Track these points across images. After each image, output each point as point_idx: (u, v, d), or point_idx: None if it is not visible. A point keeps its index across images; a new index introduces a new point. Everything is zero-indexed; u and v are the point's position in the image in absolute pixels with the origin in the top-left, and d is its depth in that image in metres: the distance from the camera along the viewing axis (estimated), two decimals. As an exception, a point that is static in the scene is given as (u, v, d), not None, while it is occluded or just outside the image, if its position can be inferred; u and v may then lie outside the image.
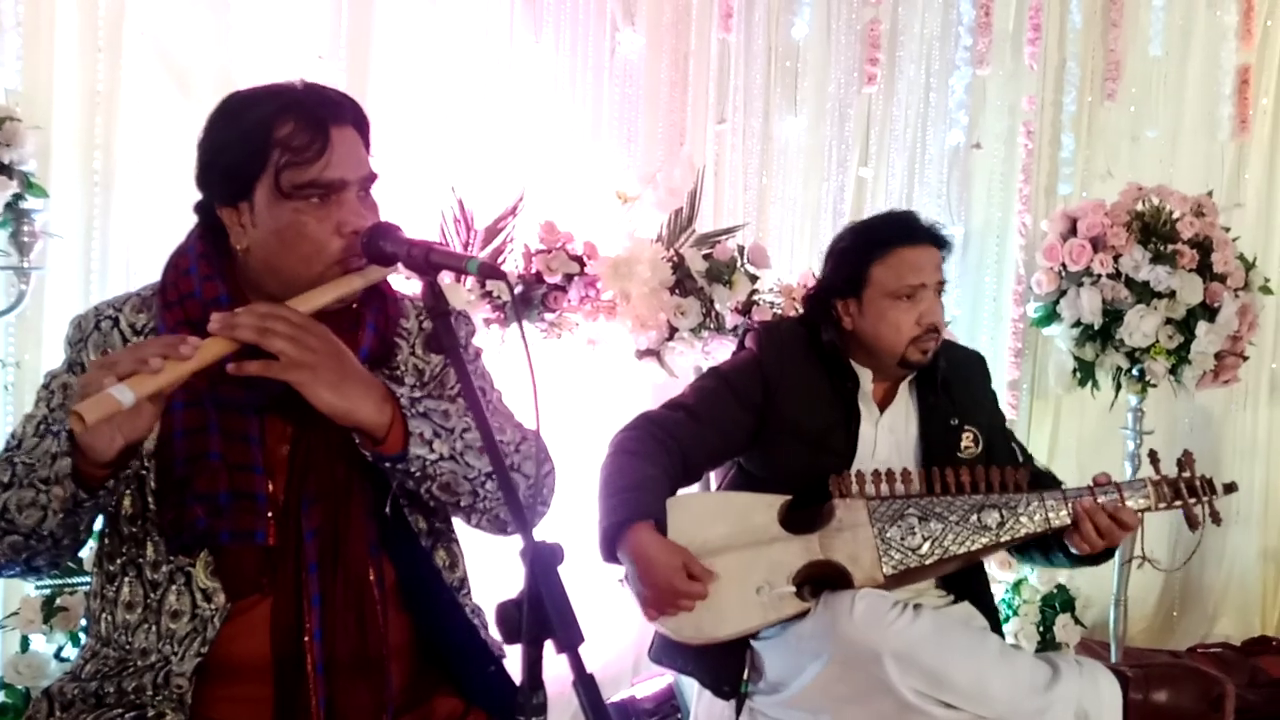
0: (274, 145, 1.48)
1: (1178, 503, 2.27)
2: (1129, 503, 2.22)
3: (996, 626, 2.37)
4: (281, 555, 1.51)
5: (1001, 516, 2.20)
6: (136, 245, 2.60)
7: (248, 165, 1.50)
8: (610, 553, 2.12)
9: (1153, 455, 2.33)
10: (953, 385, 2.40)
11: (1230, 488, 2.34)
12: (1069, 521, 2.20)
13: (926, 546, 2.16)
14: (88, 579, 1.65)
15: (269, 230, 1.51)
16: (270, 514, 1.51)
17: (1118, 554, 3.29)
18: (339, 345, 1.45)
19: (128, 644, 1.52)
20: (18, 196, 2.32)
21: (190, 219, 1.62)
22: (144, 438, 1.39)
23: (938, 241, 2.34)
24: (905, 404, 2.39)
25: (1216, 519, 2.30)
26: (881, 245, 2.31)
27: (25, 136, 2.31)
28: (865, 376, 2.36)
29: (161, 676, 1.49)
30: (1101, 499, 2.21)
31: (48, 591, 2.38)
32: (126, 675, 1.51)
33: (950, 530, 2.18)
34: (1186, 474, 2.29)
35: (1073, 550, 2.24)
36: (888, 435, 2.36)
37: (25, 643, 2.40)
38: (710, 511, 2.23)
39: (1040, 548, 2.34)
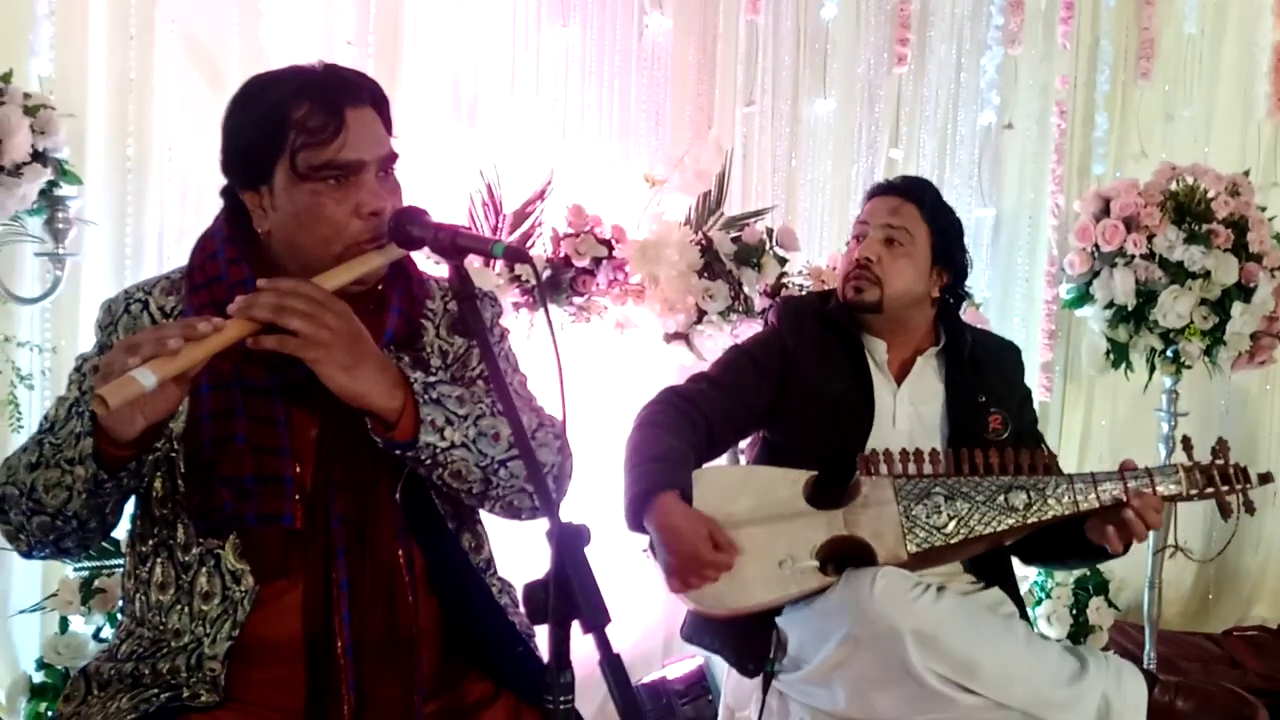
0: (290, 127, 1.48)
1: (1210, 490, 2.21)
2: (1160, 489, 2.17)
3: (1023, 614, 2.35)
4: (310, 540, 1.52)
5: (1029, 498, 2.17)
6: (170, 231, 2.62)
7: (265, 148, 1.50)
8: (636, 522, 2.13)
9: (1186, 441, 2.28)
10: (983, 365, 2.41)
11: (1266, 478, 2.28)
12: (1097, 506, 2.16)
13: (952, 525, 2.15)
14: (124, 561, 1.66)
15: (288, 213, 1.52)
16: (297, 497, 1.51)
17: (1150, 542, 3.28)
18: (357, 326, 1.44)
19: (161, 624, 1.54)
20: (52, 184, 2.34)
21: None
22: (166, 418, 1.39)
23: (898, 190, 2.41)
24: (930, 378, 2.40)
25: (1250, 508, 2.25)
26: (862, 204, 2.47)
27: (59, 124, 2.33)
28: (879, 347, 2.38)
29: (195, 658, 1.50)
30: (1131, 484, 2.17)
31: (86, 573, 2.41)
32: (161, 656, 1.52)
33: (977, 510, 2.16)
34: (1220, 461, 2.24)
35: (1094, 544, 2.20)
36: (908, 407, 2.36)
37: (64, 624, 2.43)
38: (735, 484, 2.24)
39: (1059, 547, 2.30)
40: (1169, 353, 3.37)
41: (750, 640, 2.23)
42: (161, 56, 2.60)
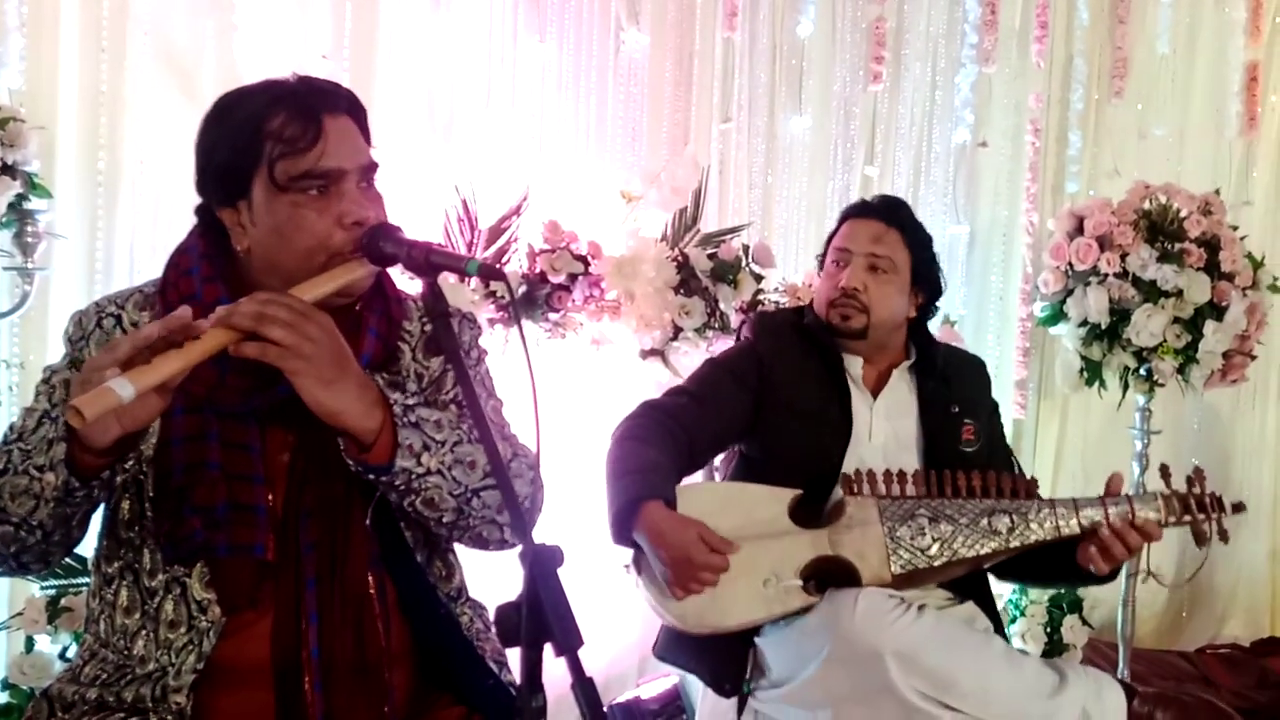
0: (266, 138, 1.46)
1: (1187, 518, 2.24)
2: (1139, 515, 2.19)
3: (999, 629, 2.36)
4: (280, 569, 1.49)
5: (1012, 522, 2.19)
6: (141, 246, 2.60)
7: (242, 161, 1.47)
8: (623, 534, 2.11)
9: (1164, 469, 2.31)
10: (952, 379, 2.43)
11: (1239, 507, 2.31)
12: (1078, 531, 2.18)
13: (936, 548, 2.16)
14: (90, 579, 1.63)
15: (268, 227, 1.48)
16: (269, 527, 1.48)
17: (1124, 564, 3.29)
18: (339, 340, 1.41)
19: (126, 649, 1.51)
20: (21, 197, 2.32)
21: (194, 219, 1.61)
22: (143, 428, 1.37)
23: (879, 214, 2.39)
24: (903, 392, 2.41)
25: (1224, 537, 2.28)
26: (838, 222, 2.45)
27: (29, 137, 2.31)
28: (855, 362, 2.38)
29: (159, 689, 1.47)
30: (1111, 510, 2.18)
31: (53, 592, 2.38)
32: (126, 684, 1.49)
33: (960, 533, 2.17)
34: (1197, 490, 2.26)
35: (1080, 568, 2.20)
36: (884, 422, 2.37)
37: (30, 643, 2.40)
38: (720, 502, 2.22)
39: (1041, 569, 2.32)
40: (1142, 371, 3.39)
41: (726, 659, 2.22)
42: (134, 69, 2.58)
